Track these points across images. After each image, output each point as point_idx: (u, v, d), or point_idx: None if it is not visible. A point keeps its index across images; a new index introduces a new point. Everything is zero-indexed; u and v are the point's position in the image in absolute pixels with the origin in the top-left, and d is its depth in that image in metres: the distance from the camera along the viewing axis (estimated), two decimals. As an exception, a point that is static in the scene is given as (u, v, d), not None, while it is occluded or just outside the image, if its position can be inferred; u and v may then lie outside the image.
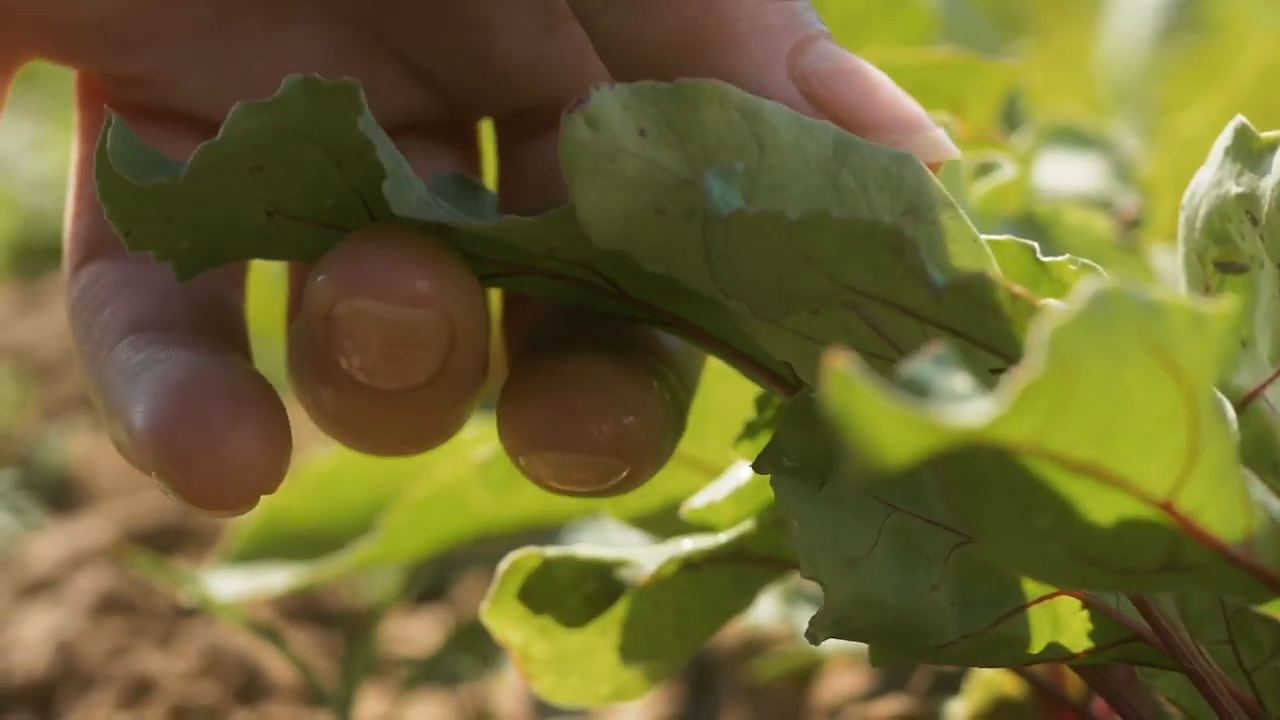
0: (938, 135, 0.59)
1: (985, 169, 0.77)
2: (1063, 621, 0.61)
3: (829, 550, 0.59)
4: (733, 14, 0.59)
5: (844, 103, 0.59)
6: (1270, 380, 0.64)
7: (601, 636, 0.71)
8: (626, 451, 0.61)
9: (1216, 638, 0.62)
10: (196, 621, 1.03)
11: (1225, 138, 0.66)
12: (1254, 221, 0.64)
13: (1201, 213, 0.66)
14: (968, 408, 0.43)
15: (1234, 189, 0.64)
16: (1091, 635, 0.62)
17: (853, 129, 0.59)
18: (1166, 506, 0.50)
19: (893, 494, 0.60)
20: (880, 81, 0.59)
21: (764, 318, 0.58)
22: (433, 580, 1.17)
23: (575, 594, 0.70)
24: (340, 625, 1.13)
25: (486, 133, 0.71)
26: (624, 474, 0.61)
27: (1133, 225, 0.92)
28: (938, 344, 0.45)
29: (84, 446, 1.42)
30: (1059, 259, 0.61)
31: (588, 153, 0.57)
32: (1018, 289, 0.51)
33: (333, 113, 0.57)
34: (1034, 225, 0.83)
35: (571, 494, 0.62)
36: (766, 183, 0.58)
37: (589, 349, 0.62)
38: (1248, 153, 0.65)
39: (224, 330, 0.62)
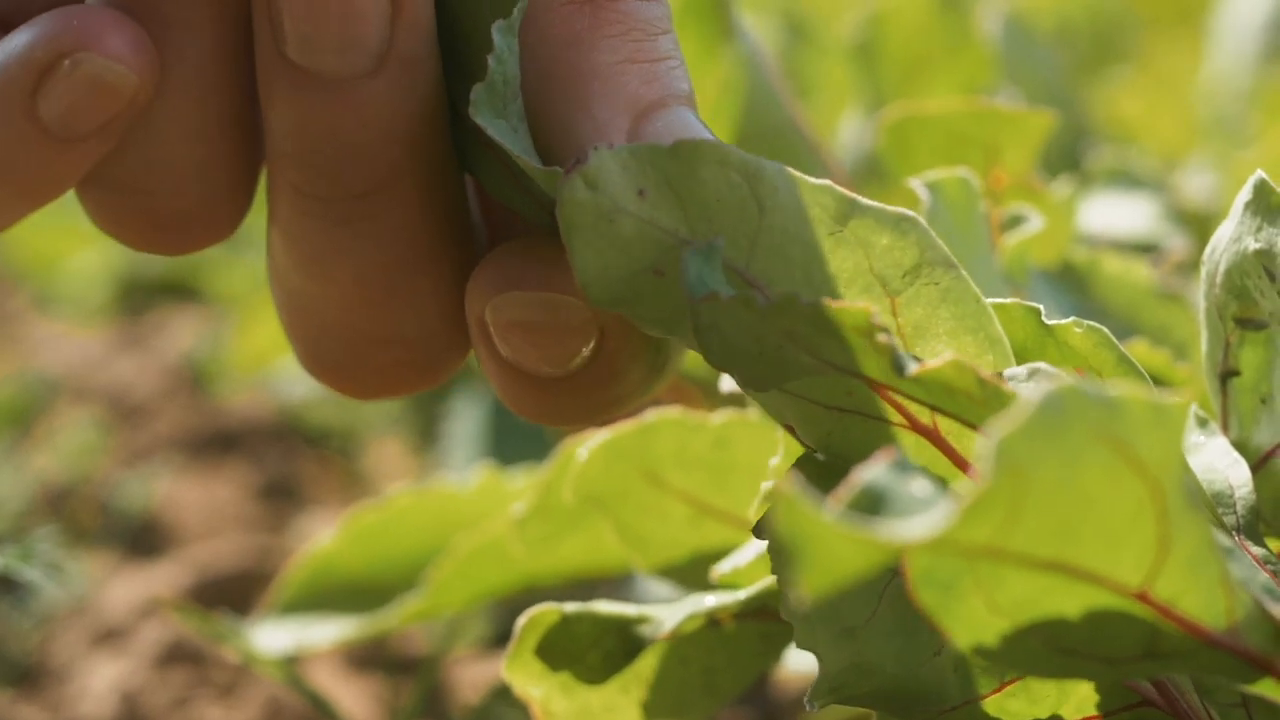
0: None
1: (1015, 220, 0.77)
2: (1070, 686, 0.61)
3: (827, 619, 0.59)
4: (590, 70, 0.60)
5: None
6: (1288, 438, 0.64)
7: (623, 693, 0.71)
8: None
9: (1230, 702, 0.61)
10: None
11: (1245, 192, 0.65)
12: (1272, 278, 0.63)
13: (1221, 268, 0.65)
14: (913, 524, 0.43)
15: (1253, 245, 0.64)
16: (1100, 702, 0.61)
17: None
18: (1142, 596, 0.49)
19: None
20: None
21: (755, 388, 0.58)
22: (511, 622, 1.17)
23: (595, 650, 0.70)
24: (411, 671, 1.14)
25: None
26: (591, 342, 0.61)
27: (1181, 267, 0.91)
28: (893, 448, 0.44)
29: (170, 489, 1.44)
30: (1064, 322, 0.60)
31: (586, 213, 0.57)
32: (986, 374, 0.51)
33: None
34: (1072, 275, 0.82)
35: (531, 368, 0.62)
36: (766, 244, 0.58)
37: None
38: (1267, 208, 0.64)
39: None
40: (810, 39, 1.59)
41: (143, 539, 1.36)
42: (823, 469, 0.59)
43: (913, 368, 0.52)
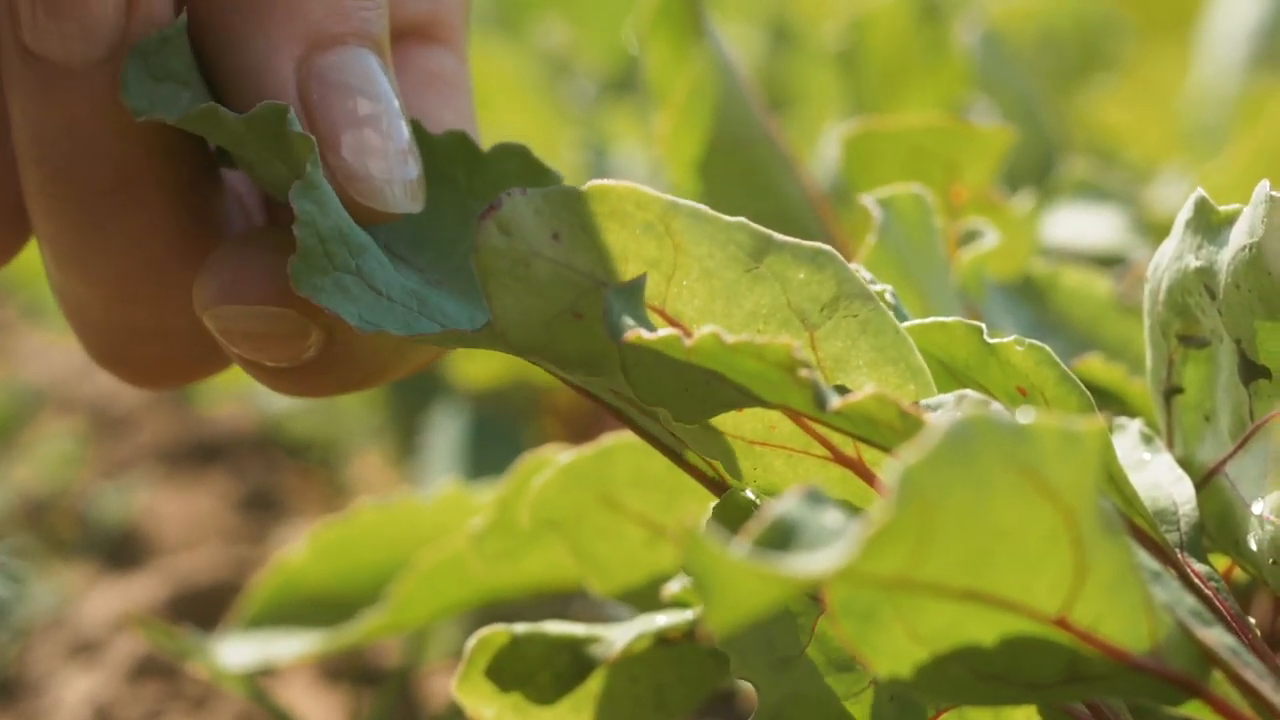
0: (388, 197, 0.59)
1: (972, 235, 0.77)
2: (1004, 714, 0.61)
3: (762, 649, 0.59)
4: None
5: (325, 122, 0.59)
6: (1230, 455, 0.64)
7: (575, 712, 0.71)
8: (311, 310, 0.59)
9: (1164, 721, 0.61)
10: (231, 685, 1.04)
11: (1186, 210, 0.65)
12: (1212, 296, 0.63)
13: (1164, 286, 0.65)
14: (817, 558, 0.43)
15: (1193, 263, 0.64)
16: (1036, 725, 0.61)
17: (321, 149, 0.58)
18: (1061, 622, 0.49)
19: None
20: (375, 127, 0.59)
21: (684, 421, 0.58)
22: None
23: (545, 671, 0.70)
24: (383, 684, 1.14)
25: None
26: (311, 337, 0.60)
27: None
28: (805, 485, 0.44)
29: (150, 500, 1.44)
30: (1006, 340, 0.60)
31: (502, 258, 0.57)
32: (907, 406, 0.51)
33: None
34: (1031, 288, 0.82)
35: (265, 367, 0.61)
36: (683, 280, 0.58)
37: None
38: (1207, 226, 0.64)
39: None
40: (796, 46, 1.59)
41: (122, 550, 1.36)
42: (747, 506, 0.59)
43: (835, 402, 0.52)
